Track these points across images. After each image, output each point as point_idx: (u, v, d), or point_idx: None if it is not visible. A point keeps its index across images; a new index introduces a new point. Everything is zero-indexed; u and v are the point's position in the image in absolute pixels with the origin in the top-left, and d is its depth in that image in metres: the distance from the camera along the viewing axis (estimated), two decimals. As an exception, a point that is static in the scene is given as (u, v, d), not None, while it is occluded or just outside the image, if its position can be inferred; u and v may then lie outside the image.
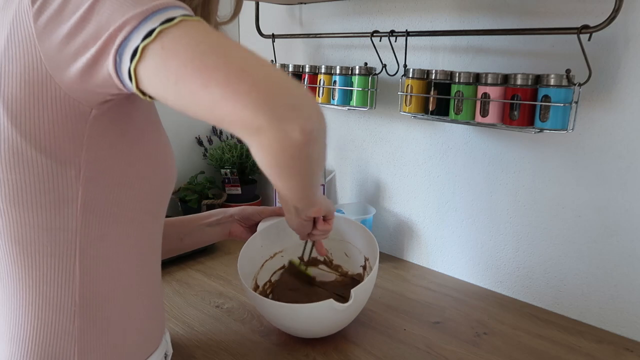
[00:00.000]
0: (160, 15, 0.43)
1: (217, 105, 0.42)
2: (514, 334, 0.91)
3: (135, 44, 0.43)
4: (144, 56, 0.43)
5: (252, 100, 0.41)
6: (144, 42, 0.42)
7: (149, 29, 0.43)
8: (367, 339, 0.89)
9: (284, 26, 1.42)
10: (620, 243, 0.90)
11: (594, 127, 0.90)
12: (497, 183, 1.05)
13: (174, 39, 0.43)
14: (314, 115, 0.45)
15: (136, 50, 0.43)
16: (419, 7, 1.12)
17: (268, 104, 0.42)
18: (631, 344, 0.89)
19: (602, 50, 0.87)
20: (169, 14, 0.43)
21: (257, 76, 0.42)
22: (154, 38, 0.42)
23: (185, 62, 0.42)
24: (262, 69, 0.43)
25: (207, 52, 0.42)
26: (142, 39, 0.42)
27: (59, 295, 0.54)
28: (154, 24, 0.43)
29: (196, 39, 0.43)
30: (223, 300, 1.01)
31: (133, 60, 0.43)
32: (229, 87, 0.41)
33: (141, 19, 0.43)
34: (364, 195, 1.32)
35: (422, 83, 1.03)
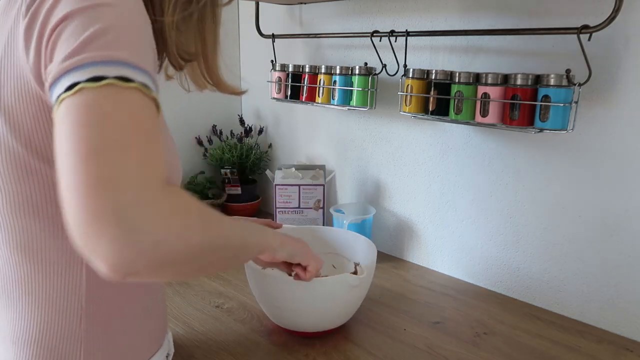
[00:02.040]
0: (93, 69, 0.42)
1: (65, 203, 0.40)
2: (514, 334, 0.91)
3: (57, 92, 0.43)
4: (59, 104, 0.42)
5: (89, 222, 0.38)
6: (65, 94, 0.42)
7: (74, 81, 0.42)
8: (367, 339, 0.89)
9: (284, 26, 1.42)
10: (620, 243, 0.90)
11: (594, 127, 0.90)
12: (497, 183, 1.05)
13: (80, 106, 0.41)
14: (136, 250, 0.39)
15: (58, 96, 0.43)
16: (419, 7, 1.12)
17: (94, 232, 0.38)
18: (631, 344, 0.89)
19: (602, 50, 0.87)
20: (103, 70, 0.42)
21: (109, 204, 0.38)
22: (72, 93, 0.41)
23: (72, 143, 0.40)
24: (122, 195, 0.39)
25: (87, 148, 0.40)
26: (65, 89, 0.42)
27: (66, 300, 0.54)
28: (80, 77, 0.42)
29: (95, 122, 0.41)
30: (223, 300, 1.01)
31: (55, 102, 0.43)
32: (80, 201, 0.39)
33: (76, 65, 0.42)
34: (364, 195, 1.32)
35: (422, 83, 1.03)
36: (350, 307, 0.89)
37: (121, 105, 0.42)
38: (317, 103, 1.24)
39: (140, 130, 0.43)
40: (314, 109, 1.40)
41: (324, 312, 0.85)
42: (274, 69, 1.32)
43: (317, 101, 1.23)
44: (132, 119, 0.42)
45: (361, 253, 0.97)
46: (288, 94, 1.29)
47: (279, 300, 0.85)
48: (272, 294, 0.85)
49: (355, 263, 0.97)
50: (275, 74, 1.31)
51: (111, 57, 0.43)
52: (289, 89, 1.28)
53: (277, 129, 1.53)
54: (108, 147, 0.40)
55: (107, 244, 0.38)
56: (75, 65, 0.42)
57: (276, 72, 1.31)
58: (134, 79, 0.43)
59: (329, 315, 0.86)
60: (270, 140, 1.56)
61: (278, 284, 0.83)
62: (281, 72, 1.30)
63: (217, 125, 1.55)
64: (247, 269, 0.87)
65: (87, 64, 0.42)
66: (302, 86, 1.26)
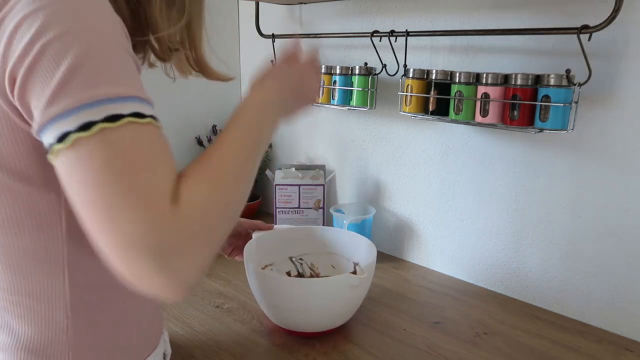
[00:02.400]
0: (79, 115, 0.41)
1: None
2: (514, 334, 0.91)
3: (48, 140, 0.42)
4: (56, 155, 0.42)
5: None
6: (59, 146, 0.41)
7: (64, 131, 0.41)
8: (367, 339, 0.89)
9: (284, 26, 1.42)
10: (620, 243, 0.90)
11: (594, 127, 0.90)
12: (497, 183, 1.05)
13: (80, 161, 0.42)
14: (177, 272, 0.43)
15: (51, 145, 0.42)
16: (419, 7, 1.12)
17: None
18: (631, 344, 0.89)
19: (602, 50, 0.87)
20: (90, 114, 0.41)
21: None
22: (67, 146, 0.41)
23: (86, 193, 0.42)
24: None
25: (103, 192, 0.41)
26: (57, 139, 0.41)
27: (51, 310, 0.54)
28: (69, 126, 0.41)
29: (99, 177, 0.41)
30: (223, 300, 1.01)
31: (49, 149, 0.43)
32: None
33: (60, 113, 0.41)
34: (364, 195, 1.32)
35: (422, 83, 1.03)
36: (351, 307, 0.89)
37: (117, 148, 0.42)
38: (317, 103, 1.24)
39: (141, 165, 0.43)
40: (314, 109, 1.40)
41: (324, 312, 0.85)
42: (274, 69, 1.32)
43: (317, 101, 1.23)
44: (129, 158, 0.42)
45: (361, 253, 0.97)
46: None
47: (280, 300, 0.84)
48: (272, 294, 0.85)
49: (355, 263, 0.97)
50: (275, 74, 1.31)
51: (94, 97, 0.42)
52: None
53: (277, 129, 1.53)
54: (115, 203, 0.41)
55: (159, 288, 0.43)
56: (59, 112, 0.41)
57: (276, 72, 1.31)
58: (123, 114, 0.42)
59: (329, 315, 0.86)
60: (270, 140, 1.56)
61: (279, 284, 0.84)
62: (281, 72, 1.29)
63: (217, 125, 1.55)
64: (248, 270, 0.87)
65: (71, 110, 0.41)
66: (302, 86, 1.26)
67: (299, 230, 1.04)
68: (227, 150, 0.51)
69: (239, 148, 0.52)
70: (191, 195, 0.45)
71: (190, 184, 0.45)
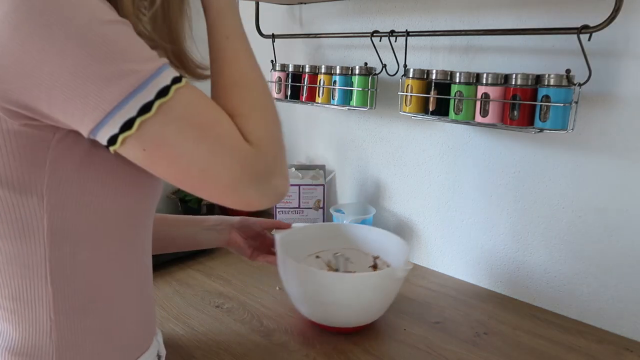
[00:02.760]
0: (136, 99, 0.44)
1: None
2: (514, 334, 0.91)
3: (107, 135, 0.45)
4: (124, 143, 0.46)
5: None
6: (125, 134, 0.45)
7: (127, 119, 0.44)
8: (367, 339, 0.89)
9: (284, 26, 1.42)
10: (620, 243, 0.90)
11: (594, 127, 0.90)
12: (497, 183, 1.05)
13: (157, 133, 0.46)
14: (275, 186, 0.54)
15: (115, 136, 0.45)
16: (419, 7, 1.12)
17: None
18: (631, 344, 0.89)
19: (602, 50, 0.87)
20: (145, 95, 0.45)
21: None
22: (134, 131, 0.45)
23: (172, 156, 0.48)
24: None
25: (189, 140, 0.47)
26: (120, 129, 0.45)
27: (34, 313, 0.54)
28: (131, 113, 0.44)
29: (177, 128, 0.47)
30: (223, 300, 1.01)
31: (111, 144, 0.46)
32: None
33: (114, 106, 0.44)
34: (364, 195, 1.32)
35: (422, 83, 1.03)
36: (389, 300, 0.90)
37: (182, 116, 0.47)
38: (317, 103, 1.24)
39: (209, 120, 0.49)
40: (314, 109, 1.40)
41: (365, 306, 0.86)
42: (274, 69, 1.32)
43: (317, 101, 1.23)
44: (197, 119, 0.48)
45: (383, 246, 0.98)
46: (288, 94, 1.29)
47: (322, 296, 0.85)
48: (313, 289, 0.85)
49: (374, 256, 0.98)
50: (275, 74, 1.31)
51: (139, 79, 0.44)
52: (289, 89, 1.28)
53: (277, 129, 1.53)
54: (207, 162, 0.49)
55: (270, 204, 0.54)
56: (111, 107, 0.44)
57: (276, 72, 1.31)
58: (167, 85, 0.46)
59: (369, 309, 0.88)
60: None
61: (322, 279, 0.84)
62: (281, 72, 1.30)
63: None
64: (285, 265, 0.87)
65: (124, 100, 0.44)
66: (302, 86, 1.26)
67: (316, 227, 1.05)
68: (243, 72, 0.57)
69: (248, 60, 0.58)
70: (255, 131, 0.52)
71: (246, 123, 0.53)
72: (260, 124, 0.54)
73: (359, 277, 0.87)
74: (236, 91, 0.55)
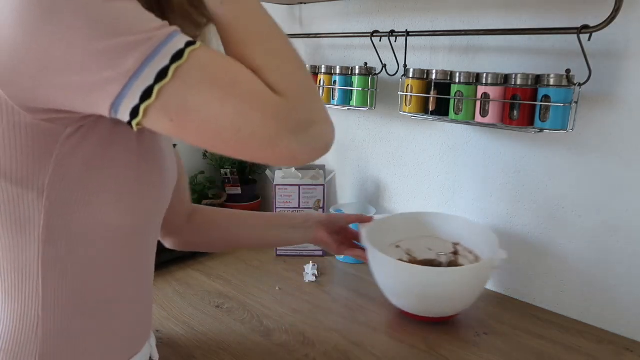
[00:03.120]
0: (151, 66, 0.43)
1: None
2: (514, 334, 0.91)
3: (128, 107, 0.44)
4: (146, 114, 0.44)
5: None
6: (146, 102, 0.44)
7: (146, 87, 0.43)
8: (367, 339, 0.89)
9: (284, 26, 1.41)
10: (620, 243, 0.90)
11: (594, 127, 0.90)
12: (497, 183, 1.05)
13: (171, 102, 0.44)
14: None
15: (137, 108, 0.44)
16: (419, 7, 1.12)
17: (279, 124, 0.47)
18: (631, 344, 0.89)
19: (602, 50, 0.87)
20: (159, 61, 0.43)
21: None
22: (154, 97, 0.44)
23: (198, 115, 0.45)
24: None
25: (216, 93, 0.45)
26: (140, 98, 0.43)
27: (22, 308, 0.53)
28: (148, 81, 0.43)
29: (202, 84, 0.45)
30: (223, 300, 1.01)
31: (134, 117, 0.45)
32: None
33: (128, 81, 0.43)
34: (364, 195, 1.32)
35: (422, 83, 1.03)
36: (479, 290, 0.92)
37: (203, 77, 0.45)
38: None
39: (232, 78, 0.47)
40: None
41: (461, 296, 0.90)
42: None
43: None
44: (219, 78, 0.46)
45: (472, 237, 1.01)
46: None
47: (421, 288, 0.88)
48: (415, 283, 0.88)
49: (454, 243, 1.01)
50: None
51: (151, 47, 0.43)
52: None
53: (277, 129, 1.53)
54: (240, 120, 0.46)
55: (318, 156, 0.52)
56: (127, 78, 0.43)
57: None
58: (182, 48, 0.44)
59: (462, 299, 0.91)
60: (270, 140, 1.56)
61: (426, 275, 0.87)
62: (281, 72, 1.29)
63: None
64: (379, 259, 0.90)
65: (138, 70, 0.43)
66: (302, 86, 1.26)
67: (396, 217, 1.09)
68: (256, 33, 0.53)
69: (259, 22, 0.54)
70: (282, 82, 0.49)
71: (270, 75, 0.49)
72: (286, 73, 0.50)
73: (459, 270, 0.92)
74: (250, 47, 0.51)
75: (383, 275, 0.93)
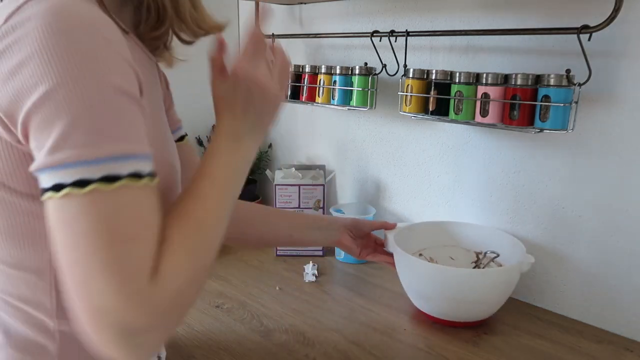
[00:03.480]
0: (76, 170, 0.41)
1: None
2: (514, 334, 0.91)
3: (43, 184, 0.42)
4: (47, 200, 0.43)
5: None
6: (51, 194, 0.42)
7: (58, 182, 0.42)
8: (367, 339, 0.89)
9: (284, 26, 1.42)
10: (620, 243, 0.90)
11: (594, 127, 0.90)
12: (497, 183, 1.05)
13: (66, 215, 0.42)
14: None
15: (44, 190, 0.42)
16: (419, 7, 1.12)
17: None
18: (631, 344, 0.89)
19: (602, 50, 0.87)
20: (87, 171, 0.41)
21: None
22: (59, 196, 0.42)
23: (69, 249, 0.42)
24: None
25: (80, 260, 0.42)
26: (51, 187, 0.42)
27: (39, 315, 0.54)
28: (64, 178, 0.41)
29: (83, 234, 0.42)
30: (223, 300, 1.01)
31: (42, 193, 0.43)
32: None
33: (57, 164, 0.42)
34: (364, 195, 1.32)
35: (422, 83, 1.03)
36: (505, 295, 0.93)
37: (106, 215, 0.42)
38: (317, 103, 1.24)
39: (125, 237, 0.42)
40: (314, 109, 1.40)
41: (490, 299, 0.90)
42: (274, 69, 1.32)
43: (317, 101, 1.23)
44: (115, 228, 0.42)
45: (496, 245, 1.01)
46: (288, 93, 1.29)
47: (448, 292, 0.88)
48: (445, 286, 0.88)
49: (477, 252, 1.01)
50: (275, 74, 1.31)
51: (93, 154, 0.42)
52: (289, 89, 1.28)
53: (277, 129, 1.53)
54: (93, 271, 0.41)
55: (117, 357, 0.43)
56: (58, 163, 0.42)
57: (276, 72, 1.31)
58: (120, 175, 0.43)
59: (491, 302, 0.91)
60: (270, 140, 1.56)
61: (455, 276, 0.87)
62: (281, 72, 1.29)
63: (217, 125, 1.55)
64: (408, 262, 0.92)
65: (69, 164, 0.41)
66: (302, 86, 1.26)
67: (420, 225, 1.08)
68: (206, 213, 0.51)
69: (217, 207, 0.52)
70: (170, 273, 0.44)
71: (170, 259, 0.45)
72: (183, 268, 0.46)
73: (489, 272, 0.93)
74: (185, 221, 0.48)
75: (415, 280, 0.93)
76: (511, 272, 0.90)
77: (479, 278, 0.88)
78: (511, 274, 0.90)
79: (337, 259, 1.22)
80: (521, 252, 0.93)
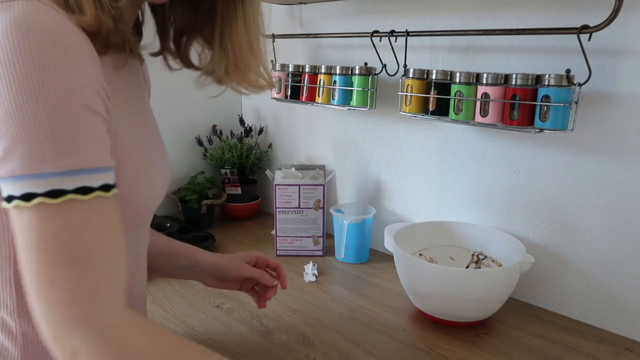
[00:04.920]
0: (24, 183, 0.42)
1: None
2: (514, 334, 0.91)
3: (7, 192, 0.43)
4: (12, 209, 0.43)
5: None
6: (3, 203, 0.43)
7: (9, 194, 0.42)
8: (367, 339, 0.89)
9: (284, 26, 1.42)
10: (620, 243, 0.90)
11: (594, 127, 0.90)
12: (496, 183, 1.05)
13: (21, 225, 0.43)
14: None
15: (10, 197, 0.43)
16: (419, 7, 1.12)
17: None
18: (631, 344, 0.89)
19: (602, 50, 0.87)
20: (34, 185, 0.42)
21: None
22: (11, 207, 0.43)
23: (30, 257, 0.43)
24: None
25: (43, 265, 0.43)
26: (6, 198, 0.43)
27: (2, 314, 0.53)
28: (15, 191, 0.42)
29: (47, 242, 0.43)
30: (223, 300, 1.01)
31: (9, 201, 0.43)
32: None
33: (8, 176, 0.42)
34: (364, 195, 1.32)
35: (422, 83, 1.03)
36: (505, 295, 0.93)
37: (51, 230, 0.43)
38: (317, 103, 1.24)
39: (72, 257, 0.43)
40: (314, 109, 1.40)
41: (490, 298, 0.90)
42: (274, 68, 1.32)
43: (317, 101, 1.23)
44: (67, 244, 0.43)
45: (494, 246, 1.02)
46: (288, 93, 1.29)
47: (448, 291, 0.88)
48: (445, 286, 0.88)
49: (476, 253, 1.01)
50: (276, 73, 1.31)
51: (38, 169, 0.42)
52: (289, 89, 1.28)
53: (277, 129, 1.53)
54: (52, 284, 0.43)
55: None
56: (5, 175, 0.42)
57: (276, 72, 1.31)
58: (66, 190, 0.43)
59: (488, 304, 0.91)
60: (270, 140, 1.56)
61: (455, 276, 0.88)
62: (281, 72, 1.30)
63: (217, 125, 1.55)
64: (408, 263, 0.92)
65: (16, 177, 0.42)
66: (302, 86, 1.26)
67: (419, 226, 1.09)
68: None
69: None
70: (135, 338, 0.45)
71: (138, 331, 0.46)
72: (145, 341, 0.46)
73: (489, 271, 0.93)
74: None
75: (415, 280, 0.93)
76: (511, 272, 0.89)
77: (479, 278, 0.88)
78: (511, 274, 0.90)
79: (337, 259, 1.22)
80: (521, 252, 0.93)
